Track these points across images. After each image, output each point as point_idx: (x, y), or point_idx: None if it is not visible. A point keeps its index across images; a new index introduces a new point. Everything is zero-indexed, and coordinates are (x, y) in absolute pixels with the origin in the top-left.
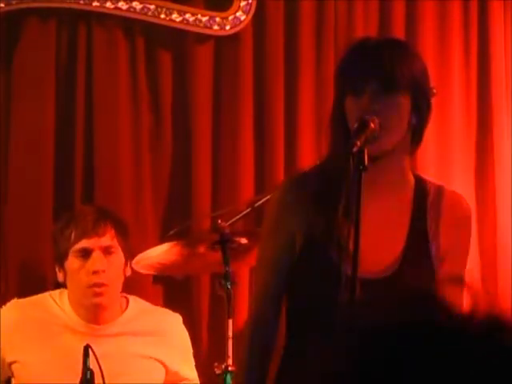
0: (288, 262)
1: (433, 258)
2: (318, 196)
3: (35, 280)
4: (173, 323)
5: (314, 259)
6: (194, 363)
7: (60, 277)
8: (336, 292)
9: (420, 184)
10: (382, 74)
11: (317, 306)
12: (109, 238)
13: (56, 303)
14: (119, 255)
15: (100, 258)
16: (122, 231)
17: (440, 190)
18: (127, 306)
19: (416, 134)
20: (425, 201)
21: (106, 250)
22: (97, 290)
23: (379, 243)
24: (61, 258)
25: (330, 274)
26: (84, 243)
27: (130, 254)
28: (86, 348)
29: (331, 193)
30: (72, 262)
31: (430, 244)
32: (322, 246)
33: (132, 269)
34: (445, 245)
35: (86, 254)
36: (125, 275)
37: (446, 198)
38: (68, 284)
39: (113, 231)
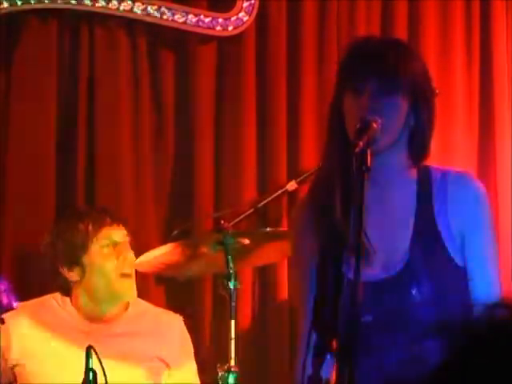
0: None
1: (445, 242)
2: (321, 206)
3: (36, 285)
4: (174, 323)
5: (326, 272)
6: (194, 363)
7: (74, 276)
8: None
9: (425, 174)
10: (384, 74)
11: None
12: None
13: (59, 305)
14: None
15: (128, 248)
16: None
17: (445, 174)
18: (128, 306)
19: (417, 135)
20: (430, 189)
21: (128, 243)
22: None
23: (387, 242)
24: (75, 256)
25: (341, 285)
26: (108, 233)
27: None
28: (88, 349)
29: (331, 197)
30: (99, 252)
31: (440, 230)
32: (333, 257)
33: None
34: (457, 226)
35: (114, 243)
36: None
37: (451, 180)
38: (90, 276)
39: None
